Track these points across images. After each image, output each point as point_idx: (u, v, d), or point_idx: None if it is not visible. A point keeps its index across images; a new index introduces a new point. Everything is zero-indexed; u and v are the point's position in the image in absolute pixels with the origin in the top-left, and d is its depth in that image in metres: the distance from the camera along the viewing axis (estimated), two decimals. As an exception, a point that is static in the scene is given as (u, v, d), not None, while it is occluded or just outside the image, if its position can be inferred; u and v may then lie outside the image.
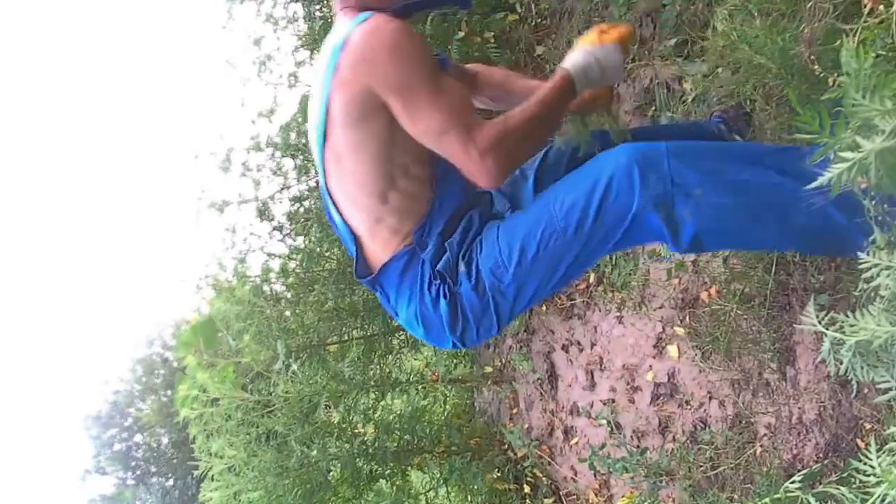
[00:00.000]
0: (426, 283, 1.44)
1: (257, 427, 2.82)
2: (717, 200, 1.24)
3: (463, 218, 1.48)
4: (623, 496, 2.64)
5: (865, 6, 1.05)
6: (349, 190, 1.43)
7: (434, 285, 1.43)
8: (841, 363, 0.89)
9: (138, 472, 10.34)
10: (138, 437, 10.53)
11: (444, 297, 1.43)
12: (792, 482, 1.17)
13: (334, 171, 1.42)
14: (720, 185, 1.24)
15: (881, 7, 1.01)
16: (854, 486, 1.00)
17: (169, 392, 9.68)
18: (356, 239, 1.51)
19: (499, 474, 3.50)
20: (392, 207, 1.41)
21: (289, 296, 3.59)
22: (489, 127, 1.25)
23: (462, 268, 1.43)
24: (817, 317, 0.91)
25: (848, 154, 0.75)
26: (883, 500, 0.89)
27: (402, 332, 3.80)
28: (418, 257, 1.44)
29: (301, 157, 3.49)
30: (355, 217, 1.47)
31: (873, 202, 0.91)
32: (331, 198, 1.51)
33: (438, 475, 3.48)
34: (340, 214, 1.50)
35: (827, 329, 0.90)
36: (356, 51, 1.27)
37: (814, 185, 0.85)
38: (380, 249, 1.48)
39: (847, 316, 0.86)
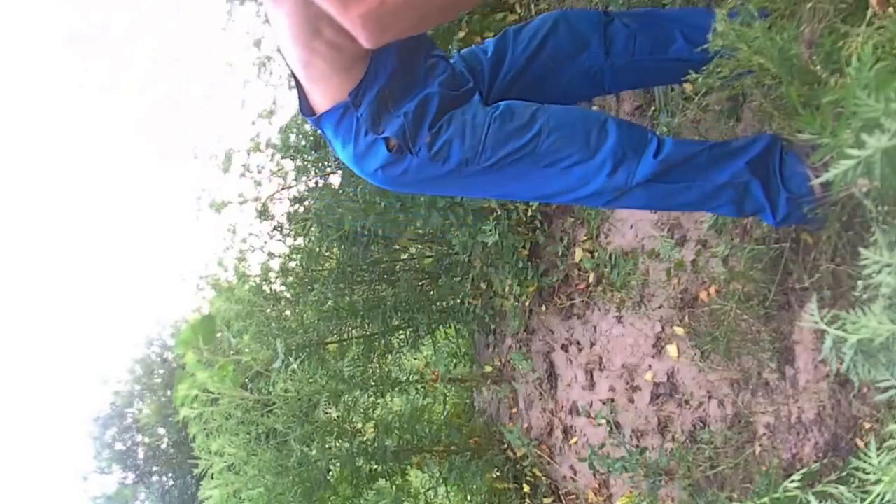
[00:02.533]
0: (360, 132, 1.51)
1: (257, 426, 2.82)
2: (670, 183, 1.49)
3: (410, 87, 1.52)
4: (622, 495, 2.65)
5: (869, 8, 1.06)
6: (281, 31, 1.48)
7: (369, 134, 1.50)
8: (842, 361, 0.89)
9: (138, 472, 10.34)
10: (138, 437, 10.53)
11: (383, 143, 1.49)
12: (791, 481, 1.18)
13: (270, 10, 1.49)
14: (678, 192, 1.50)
15: (890, 10, 1.02)
16: (853, 485, 1.01)
17: (168, 392, 9.67)
18: (297, 79, 1.57)
19: (498, 474, 3.51)
20: (318, 55, 1.46)
21: (288, 295, 3.60)
22: None
23: (427, 138, 1.48)
24: (819, 314, 0.92)
25: (853, 152, 0.75)
26: (882, 499, 0.90)
27: (401, 332, 3.80)
28: (351, 113, 1.50)
29: (300, 157, 3.50)
30: (290, 54, 1.52)
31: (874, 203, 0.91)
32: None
33: (438, 474, 3.49)
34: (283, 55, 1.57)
35: (829, 327, 0.90)
36: None
37: None
38: (318, 94, 1.54)
39: (850, 312, 0.86)
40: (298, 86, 1.58)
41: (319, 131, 1.64)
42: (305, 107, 1.58)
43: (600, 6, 2.68)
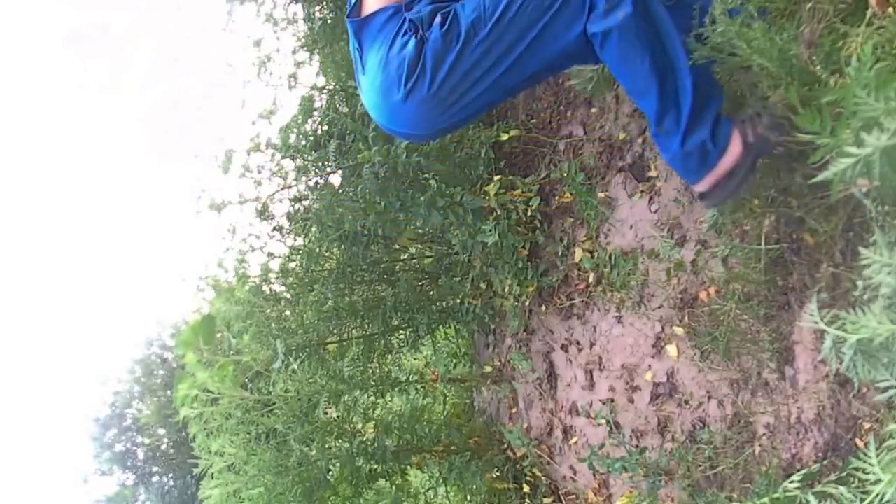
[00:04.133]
0: (400, 31, 1.60)
1: (257, 426, 2.82)
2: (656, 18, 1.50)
3: None
4: (622, 495, 2.65)
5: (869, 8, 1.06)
6: None
7: (408, 33, 1.59)
8: (842, 361, 0.89)
9: (138, 473, 10.34)
10: (138, 438, 10.54)
11: (415, 37, 1.58)
12: (791, 482, 1.18)
13: None
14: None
15: (890, 10, 1.02)
16: (853, 485, 1.01)
17: (168, 392, 9.68)
18: None
19: (498, 474, 3.51)
20: None
21: (288, 296, 3.60)
22: None
23: (438, 19, 1.57)
24: (818, 314, 0.92)
25: (853, 150, 0.75)
26: (882, 499, 0.90)
27: (401, 332, 3.81)
28: (402, 14, 1.62)
29: (301, 157, 3.50)
30: None
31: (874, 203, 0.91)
32: None
33: (438, 474, 3.49)
34: None
35: (828, 327, 0.90)
36: None
37: None
38: (374, 2, 1.65)
39: (849, 312, 0.87)
40: None
41: (355, 37, 1.71)
42: (356, 11, 1.68)
43: None
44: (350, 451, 3.04)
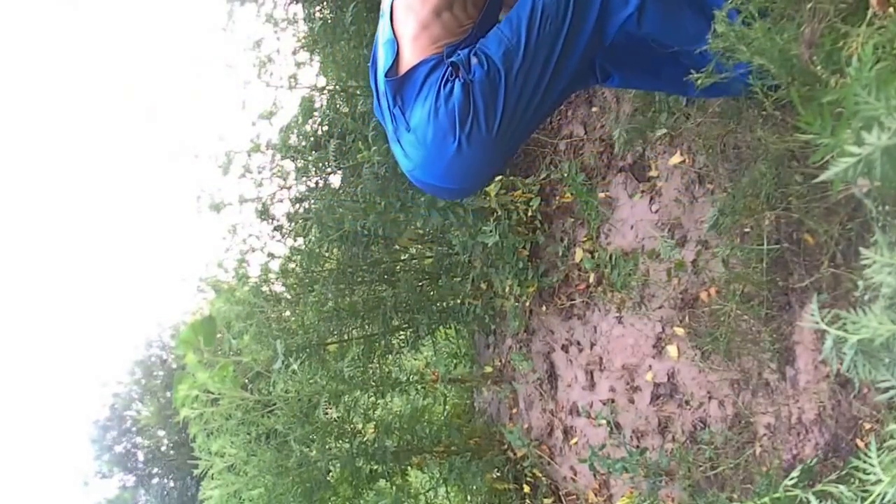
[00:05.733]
0: (444, 79, 1.60)
1: (257, 426, 2.82)
2: None
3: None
4: (623, 496, 2.65)
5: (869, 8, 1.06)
6: (413, 2, 1.65)
7: (450, 80, 1.59)
8: (842, 361, 0.89)
9: (138, 474, 10.34)
10: (138, 440, 10.54)
11: (461, 82, 1.57)
12: (790, 479, 1.18)
13: None
14: None
15: (890, 10, 1.02)
16: (853, 485, 1.01)
17: (168, 394, 9.68)
18: (398, 47, 1.68)
19: (498, 474, 3.51)
20: (440, 21, 1.63)
21: (288, 296, 3.60)
22: None
23: (474, 60, 1.59)
24: (819, 314, 0.92)
25: (853, 150, 0.75)
26: (882, 499, 0.90)
27: (401, 332, 3.80)
28: (444, 63, 1.61)
29: (301, 158, 3.50)
30: (407, 24, 1.66)
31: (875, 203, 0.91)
32: (391, 15, 1.71)
33: (438, 475, 3.49)
34: (392, 27, 1.69)
35: (829, 327, 0.90)
36: None
37: None
38: (416, 55, 1.65)
39: (850, 312, 0.86)
40: (397, 52, 1.69)
41: (392, 97, 1.70)
42: (393, 71, 1.67)
43: None
44: (350, 451, 3.04)
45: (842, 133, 0.80)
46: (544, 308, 3.29)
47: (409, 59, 1.65)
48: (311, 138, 3.49)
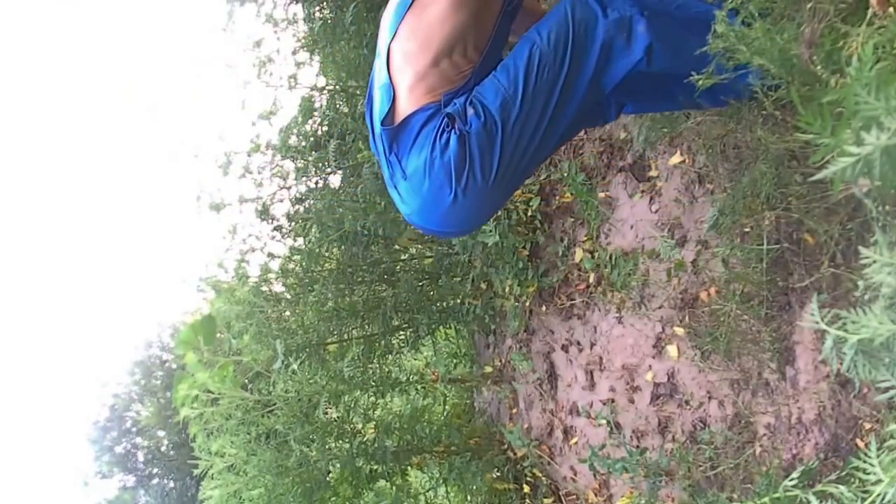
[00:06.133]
0: (440, 131, 1.58)
1: (257, 426, 2.82)
2: (662, 13, 1.57)
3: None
4: (623, 496, 2.65)
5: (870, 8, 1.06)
6: (411, 47, 1.61)
7: (446, 131, 1.57)
8: (843, 361, 0.89)
9: (138, 475, 10.34)
10: (138, 440, 10.54)
11: (456, 134, 1.55)
12: (790, 479, 1.17)
13: (410, 26, 1.61)
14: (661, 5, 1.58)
15: (890, 10, 1.02)
16: (853, 485, 1.01)
17: (168, 394, 9.68)
18: (394, 94, 1.64)
19: (498, 474, 3.51)
20: (438, 70, 1.60)
21: (288, 296, 3.59)
22: None
23: (470, 111, 1.57)
24: (819, 314, 0.92)
25: (853, 150, 0.75)
26: (883, 499, 0.90)
27: (401, 332, 3.80)
28: (441, 112, 1.59)
29: (301, 159, 3.50)
30: (404, 72, 1.62)
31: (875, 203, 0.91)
32: (387, 58, 1.67)
33: (438, 475, 3.49)
34: (389, 71, 1.66)
35: (829, 327, 0.90)
36: None
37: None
38: (412, 104, 1.62)
39: (850, 312, 0.86)
40: (393, 100, 1.65)
41: (388, 145, 1.67)
42: (389, 119, 1.64)
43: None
44: (350, 451, 3.04)
45: (842, 133, 0.80)
46: (544, 308, 3.29)
47: (405, 108, 1.62)
48: (311, 138, 3.49)
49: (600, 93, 1.63)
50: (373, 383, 3.35)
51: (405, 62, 1.62)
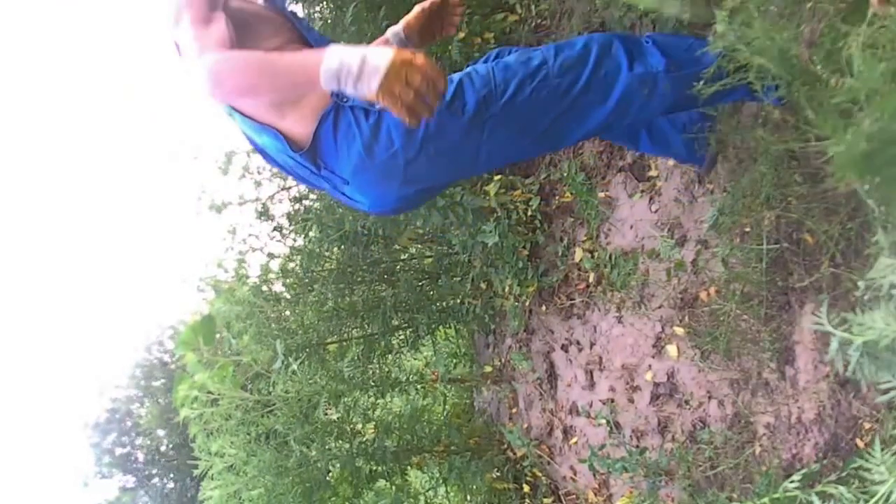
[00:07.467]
0: (357, 120, 1.44)
1: (257, 426, 2.82)
2: (686, 74, 1.50)
3: None
4: (622, 496, 2.65)
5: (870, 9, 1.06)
6: (263, 112, 1.49)
7: (372, 113, 1.43)
8: (847, 364, 0.89)
9: (138, 475, 10.34)
10: (139, 441, 10.54)
11: (375, 113, 1.43)
12: (791, 481, 1.17)
13: (250, 112, 1.49)
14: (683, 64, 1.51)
15: (891, 10, 1.02)
16: (853, 485, 1.01)
17: (168, 395, 9.68)
18: (279, 130, 1.50)
19: (498, 474, 3.51)
20: (301, 102, 1.45)
21: (288, 296, 3.60)
22: (220, 51, 1.32)
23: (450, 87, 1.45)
24: (825, 316, 0.92)
25: (854, 150, 0.76)
26: (888, 499, 0.89)
27: (401, 332, 3.81)
28: (343, 108, 1.45)
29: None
30: (275, 116, 1.49)
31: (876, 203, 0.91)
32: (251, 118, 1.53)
33: (438, 474, 3.49)
34: (248, 117, 1.52)
35: (835, 329, 0.90)
36: None
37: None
38: (306, 124, 1.47)
39: (850, 313, 0.87)
40: (276, 129, 1.50)
41: (313, 165, 1.54)
42: (295, 146, 1.50)
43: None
44: (350, 451, 3.04)
45: (843, 133, 0.80)
46: (544, 308, 3.29)
47: (302, 131, 1.48)
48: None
49: (594, 134, 1.59)
50: (372, 383, 3.36)
51: (256, 106, 1.49)
